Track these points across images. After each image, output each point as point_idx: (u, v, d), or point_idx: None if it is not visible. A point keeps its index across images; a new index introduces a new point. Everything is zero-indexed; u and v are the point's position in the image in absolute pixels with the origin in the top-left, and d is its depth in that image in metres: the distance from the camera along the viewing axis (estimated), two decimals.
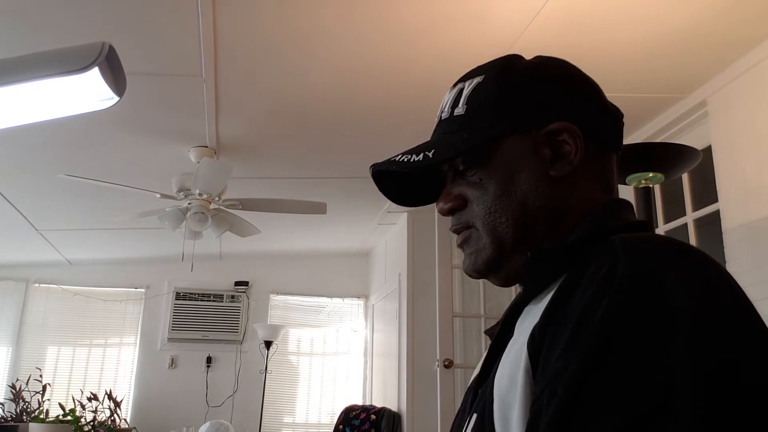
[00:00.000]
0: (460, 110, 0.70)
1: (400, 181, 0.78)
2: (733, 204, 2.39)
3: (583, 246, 0.59)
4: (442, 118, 0.72)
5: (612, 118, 0.72)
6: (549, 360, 0.51)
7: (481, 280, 4.22)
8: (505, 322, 0.67)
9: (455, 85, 0.73)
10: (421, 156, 0.67)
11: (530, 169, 0.66)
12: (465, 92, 0.70)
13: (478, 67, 0.72)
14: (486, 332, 0.78)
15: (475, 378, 0.70)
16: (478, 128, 0.68)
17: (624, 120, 0.75)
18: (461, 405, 0.76)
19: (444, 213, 0.72)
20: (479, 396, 0.64)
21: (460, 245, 0.72)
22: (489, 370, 0.65)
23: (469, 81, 0.71)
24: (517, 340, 0.59)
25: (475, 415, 0.61)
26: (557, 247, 0.63)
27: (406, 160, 0.69)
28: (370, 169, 0.73)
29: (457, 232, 0.72)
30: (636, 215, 0.69)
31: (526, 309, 0.63)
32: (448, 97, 0.73)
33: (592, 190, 0.68)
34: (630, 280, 0.49)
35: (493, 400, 0.57)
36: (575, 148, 0.66)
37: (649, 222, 0.65)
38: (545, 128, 0.67)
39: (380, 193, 0.78)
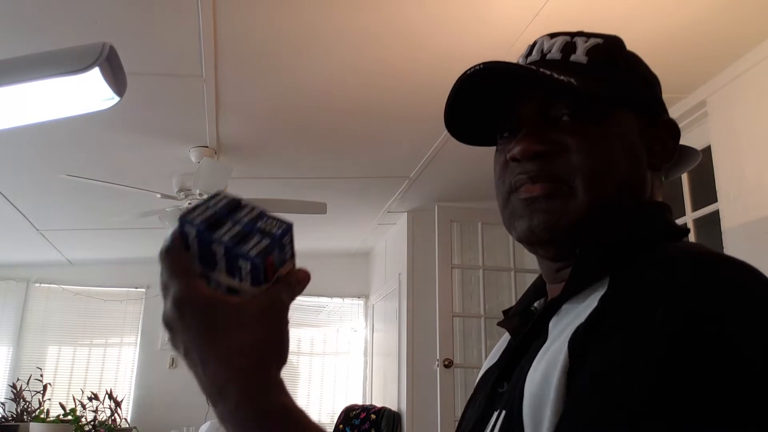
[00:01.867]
0: (580, 58, 0.65)
1: (469, 108, 0.69)
2: (733, 204, 2.39)
3: (632, 250, 0.56)
4: (550, 59, 0.66)
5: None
6: (597, 364, 0.49)
7: (482, 281, 4.16)
8: (536, 322, 0.63)
9: (553, 36, 0.68)
10: (564, 78, 0.60)
11: (639, 149, 0.65)
12: (582, 45, 0.66)
13: (583, 32, 0.69)
14: (502, 324, 0.73)
15: (495, 375, 0.67)
16: (607, 81, 0.64)
17: None
18: (470, 402, 0.73)
19: (526, 155, 0.63)
20: (507, 392, 0.61)
21: (533, 198, 0.62)
22: (513, 368, 0.62)
23: (582, 38, 0.67)
24: (554, 342, 0.56)
25: (504, 412, 0.59)
26: (608, 246, 0.59)
27: (544, 72, 0.61)
28: (476, 66, 0.63)
29: (534, 181, 0.63)
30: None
31: (565, 307, 0.59)
32: (550, 43, 0.68)
33: (657, 193, 0.68)
34: (691, 298, 0.47)
35: (523, 396, 0.55)
36: (673, 148, 0.67)
37: (688, 229, 0.64)
38: (658, 118, 0.67)
39: (380, 194, 0.75)
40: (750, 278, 0.49)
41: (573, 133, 0.62)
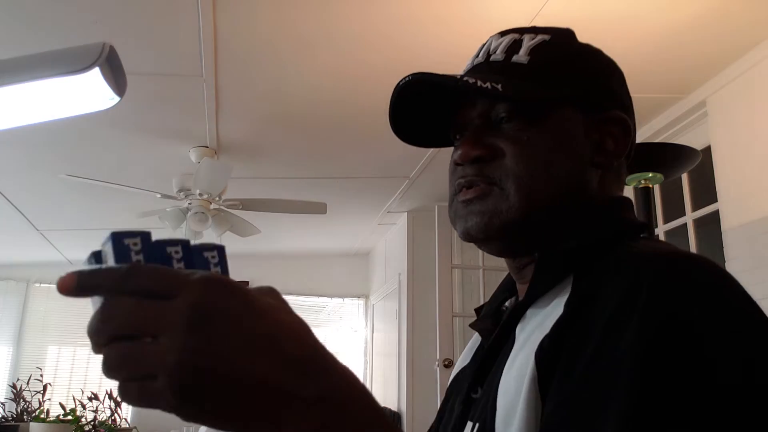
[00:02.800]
0: (521, 59, 0.65)
1: (412, 114, 0.71)
2: (733, 204, 2.39)
3: (594, 250, 0.57)
4: (493, 60, 0.67)
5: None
6: (568, 375, 0.48)
7: (482, 281, 4.15)
8: (504, 326, 0.64)
9: (503, 33, 0.68)
10: (488, 85, 0.61)
11: (580, 148, 0.64)
12: (527, 43, 0.66)
13: (536, 27, 0.69)
14: (473, 326, 0.73)
15: (468, 377, 0.67)
16: (543, 83, 0.64)
17: None
18: (445, 404, 0.73)
19: (466, 159, 0.64)
20: (478, 404, 0.62)
21: (468, 200, 0.64)
22: (485, 374, 0.63)
23: (530, 35, 0.67)
24: (521, 349, 0.57)
25: (477, 425, 0.59)
26: (568, 249, 0.59)
27: (467, 81, 0.62)
28: (405, 78, 0.65)
29: (470, 185, 0.64)
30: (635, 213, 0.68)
31: (529, 312, 0.60)
32: (497, 43, 0.68)
33: (614, 189, 0.67)
34: (655, 303, 0.47)
35: (495, 409, 0.55)
36: (625, 144, 0.66)
37: (650, 224, 0.63)
38: (606, 113, 0.65)
39: (380, 194, 0.75)
40: (721, 282, 0.49)
41: (509, 137, 0.63)
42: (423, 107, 0.70)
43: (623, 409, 0.43)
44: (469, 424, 0.61)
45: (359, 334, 5.98)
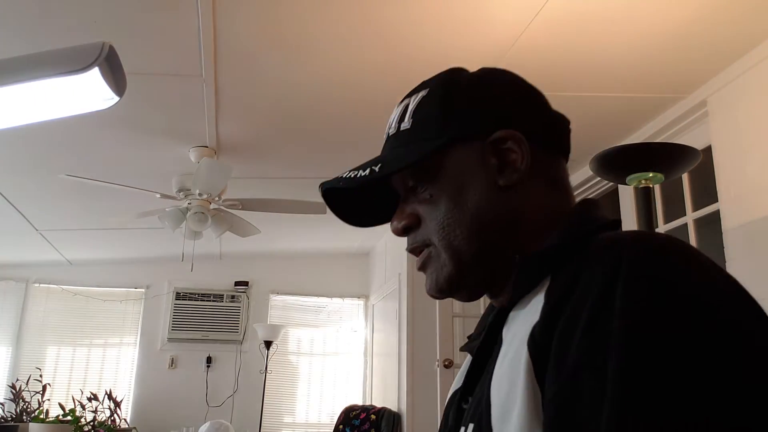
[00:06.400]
0: (406, 125, 0.70)
1: (354, 200, 0.76)
2: (734, 204, 2.39)
3: (570, 249, 0.58)
4: (390, 135, 0.72)
5: (558, 124, 0.72)
6: (562, 359, 0.49)
7: None
8: (488, 333, 0.66)
9: (402, 101, 0.73)
10: (367, 171, 0.66)
11: (479, 180, 0.66)
12: (411, 107, 0.70)
13: (424, 82, 0.73)
14: (463, 349, 0.76)
15: (459, 392, 0.69)
16: (423, 140, 0.67)
17: (625, 119, 0.76)
18: (443, 421, 0.75)
19: (398, 232, 0.70)
20: (472, 407, 0.62)
21: (421, 267, 0.70)
22: (475, 383, 0.64)
23: (415, 96, 0.71)
24: (510, 346, 0.58)
25: (471, 425, 0.60)
26: (545, 250, 0.61)
27: (353, 176, 0.67)
28: (320, 188, 0.72)
29: (414, 252, 0.70)
30: (609, 214, 0.69)
31: (512, 314, 0.62)
32: (395, 114, 0.73)
33: (546, 196, 0.67)
34: (638, 274, 0.49)
35: (490, 406, 0.56)
36: (521, 156, 0.66)
37: (620, 220, 0.65)
38: (490, 137, 0.66)
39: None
40: (694, 254, 0.52)
41: (421, 200, 0.68)
42: (364, 194, 0.76)
43: (617, 385, 0.44)
44: (462, 429, 0.62)
45: (359, 335, 5.98)
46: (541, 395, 0.51)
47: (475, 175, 0.66)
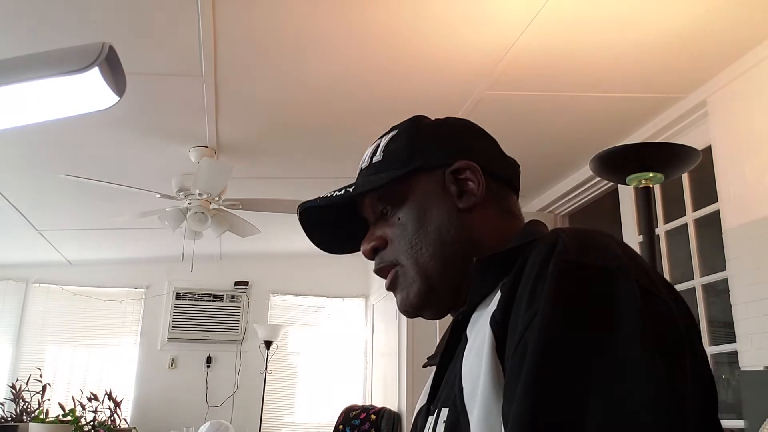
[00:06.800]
0: (377, 158, 0.79)
1: (330, 228, 0.85)
2: (734, 204, 2.39)
3: (519, 250, 0.64)
4: (363, 168, 0.81)
5: (510, 165, 0.82)
6: (515, 331, 0.55)
7: None
8: (451, 335, 0.70)
9: (374, 142, 0.82)
10: (342, 191, 0.76)
11: (442, 204, 0.75)
12: (381, 144, 0.80)
13: (393, 126, 0.82)
14: (427, 365, 0.82)
15: (425, 405, 0.73)
16: (392, 169, 0.76)
17: (625, 119, 0.80)
18: (412, 429, 0.80)
19: (367, 254, 0.78)
20: (443, 393, 0.67)
21: (390, 287, 0.77)
22: (438, 386, 0.70)
23: (385, 136, 0.81)
24: (476, 337, 0.63)
25: (446, 409, 0.63)
26: (501, 251, 0.66)
27: (330, 195, 0.77)
28: (297, 210, 0.81)
29: (381, 272, 0.78)
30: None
31: (475, 315, 0.66)
32: (368, 152, 0.82)
33: (500, 220, 0.76)
34: (570, 249, 0.56)
35: (462, 388, 0.60)
36: (478, 183, 0.75)
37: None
38: (451, 167, 0.76)
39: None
40: (610, 242, 0.58)
41: (390, 223, 0.77)
42: (339, 220, 0.84)
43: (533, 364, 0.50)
44: (431, 418, 0.67)
45: (359, 335, 5.98)
46: (503, 370, 0.56)
47: (438, 200, 0.75)
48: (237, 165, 3.32)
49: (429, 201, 0.75)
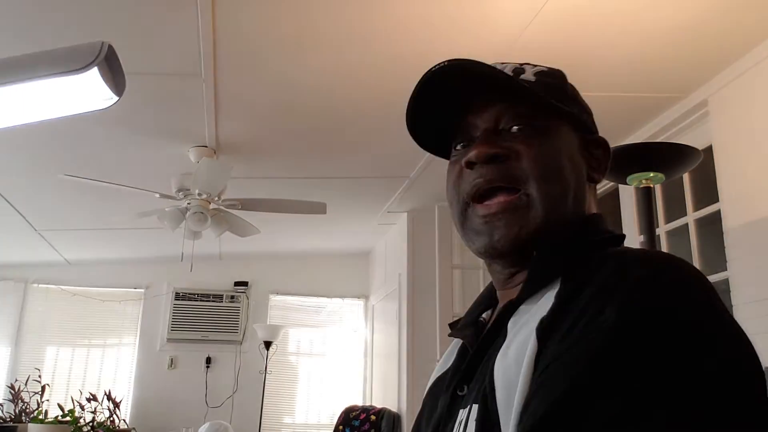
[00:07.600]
0: (529, 77, 0.71)
1: (427, 111, 0.75)
2: (734, 204, 2.39)
3: (581, 255, 0.62)
4: (501, 68, 0.73)
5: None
6: (559, 346, 0.53)
7: (482, 281, 4.19)
8: (495, 324, 0.67)
9: (502, 64, 0.74)
10: (510, 74, 0.70)
11: (579, 162, 0.71)
12: (530, 69, 0.73)
13: (529, 63, 0.76)
14: (455, 335, 0.77)
15: (456, 380, 0.69)
16: (551, 97, 0.69)
17: (626, 119, 0.82)
18: (424, 408, 0.76)
19: (481, 158, 0.67)
20: (474, 390, 0.64)
21: (492, 214, 0.67)
22: (473, 371, 0.66)
23: (529, 66, 0.74)
24: (515, 336, 0.61)
25: (475, 406, 0.61)
26: (561, 252, 0.65)
27: (505, 73, 0.69)
28: (443, 63, 0.71)
29: (488, 193, 0.67)
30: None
31: (522, 308, 0.64)
32: (501, 66, 0.73)
33: (593, 205, 0.74)
34: (641, 284, 0.53)
35: (494, 389, 0.58)
36: (606, 165, 0.74)
37: (624, 236, 0.71)
38: (595, 136, 0.75)
39: (380, 194, 0.78)
40: (692, 278, 0.55)
41: (523, 142, 0.68)
42: (429, 108, 0.75)
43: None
44: (462, 411, 0.64)
45: (359, 335, 5.97)
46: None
47: (577, 156, 0.71)
48: (237, 165, 3.32)
49: (571, 151, 0.70)
